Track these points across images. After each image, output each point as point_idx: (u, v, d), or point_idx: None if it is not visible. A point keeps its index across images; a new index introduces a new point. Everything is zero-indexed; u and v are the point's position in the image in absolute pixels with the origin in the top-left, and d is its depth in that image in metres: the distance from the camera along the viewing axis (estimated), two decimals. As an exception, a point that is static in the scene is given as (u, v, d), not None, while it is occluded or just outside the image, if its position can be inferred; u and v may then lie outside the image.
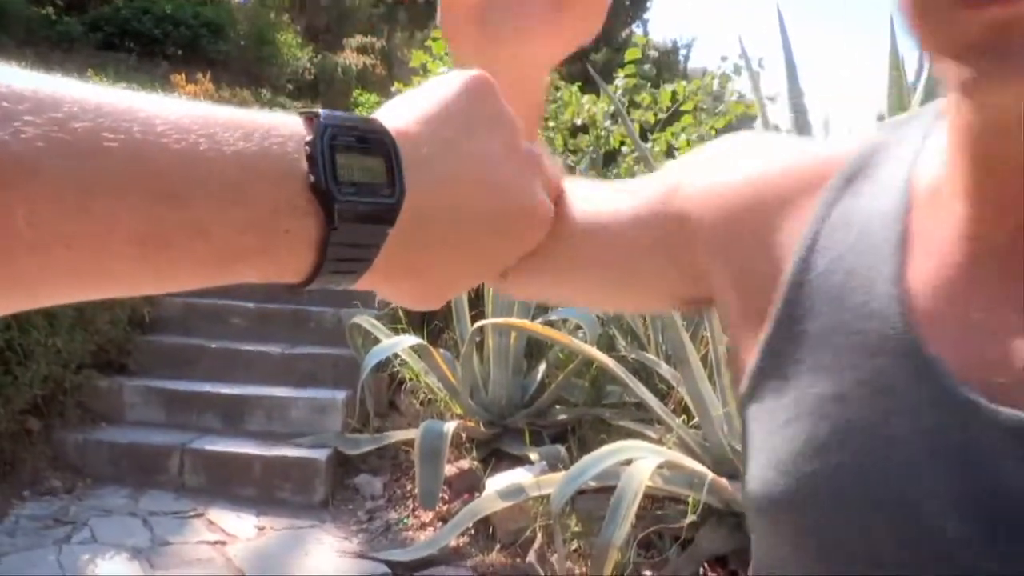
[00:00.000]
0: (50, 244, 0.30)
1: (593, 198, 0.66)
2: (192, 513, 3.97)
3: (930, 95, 2.68)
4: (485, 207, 0.43)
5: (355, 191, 0.36)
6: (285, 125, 0.36)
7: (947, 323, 0.45)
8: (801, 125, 3.03)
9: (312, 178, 0.35)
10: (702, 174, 0.60)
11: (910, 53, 3.04)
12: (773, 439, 0.49)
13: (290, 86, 11.24)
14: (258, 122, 0.35)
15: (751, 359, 0.53)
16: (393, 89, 6.80)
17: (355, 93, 12.31)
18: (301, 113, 0.37)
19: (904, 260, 0.47)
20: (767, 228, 0.55)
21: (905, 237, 0.48)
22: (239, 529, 3.84)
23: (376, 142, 0.38)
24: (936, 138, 0.51)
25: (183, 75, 8.36)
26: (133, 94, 0.33)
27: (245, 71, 11.05)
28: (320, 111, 0.37)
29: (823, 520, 0.47)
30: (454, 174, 0.41)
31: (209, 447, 4.36)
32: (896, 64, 2.99)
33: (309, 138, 0.36)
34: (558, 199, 0.65)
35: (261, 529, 3.87)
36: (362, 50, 13.41)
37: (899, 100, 2.97)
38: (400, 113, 0.41)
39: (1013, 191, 0.44)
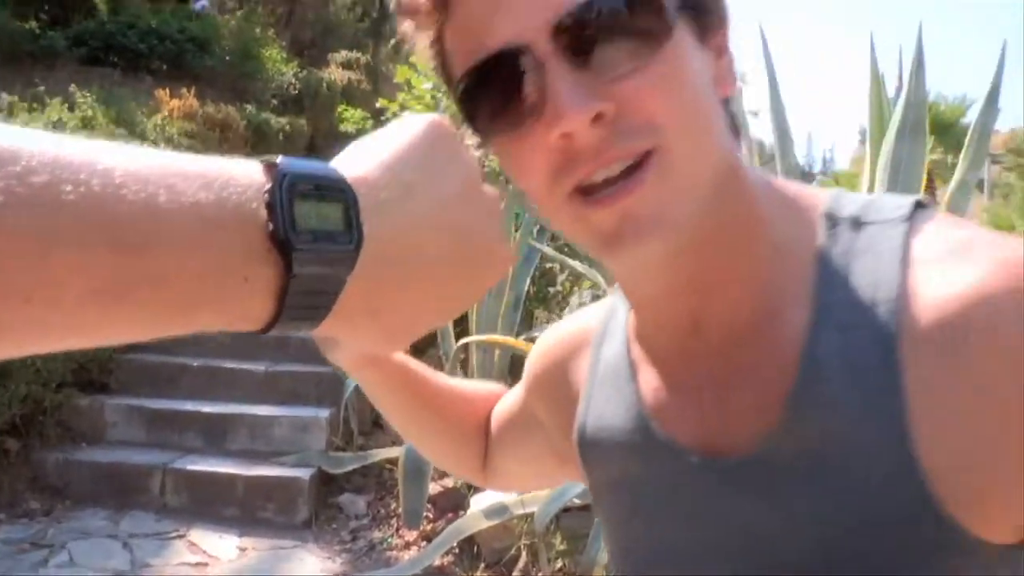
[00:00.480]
0: (9, 298, 0.30)
1: (504, 408, 0.91)
2: (174, 534, 3.93)
3: (909, 110, 2.69)
4: (444, 249, 0.43)
5: (313, 238, 0.36)
6: (244, 174, 0.36)
7: (671, 407, 0.63)
8: (784, 139, 3.04)
9: (271, 226, 0.35)
10: (533, 377, 0.84)
11: (890, 69, 3.05)
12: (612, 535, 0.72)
13: (275, 101, 11.21)
14: (217, 171, 0.36)
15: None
16: (378, 104, 6.79)
17: (340, 108, 12.31)
18: (260, 161, 0.38)
19: (636, 379, 0.67)
20: (563, 393, 0.77)
21: (633, 365, 0.68)
22: (221, 550, 3.80)
23: (334, 189, 0.38)
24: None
25: (167, 90, 8.32)
26: (92, 144, 0.33)
27: (230, 86, 11.02)
28: (279, 159, 0.37)
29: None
30: (413, 218, 0.41)
31: (191, 467, 4.33)
32: (876, 79, 3.01)
33: (268, 186, 0.36)
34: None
35: (243, 550, 3.83)
36: (347, 65, 13.40)
37: (879, 114, 2.98)
38: (358, 159, 0.42)
39: (654, 312, 0.65)
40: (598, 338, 0.74)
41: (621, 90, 0.50)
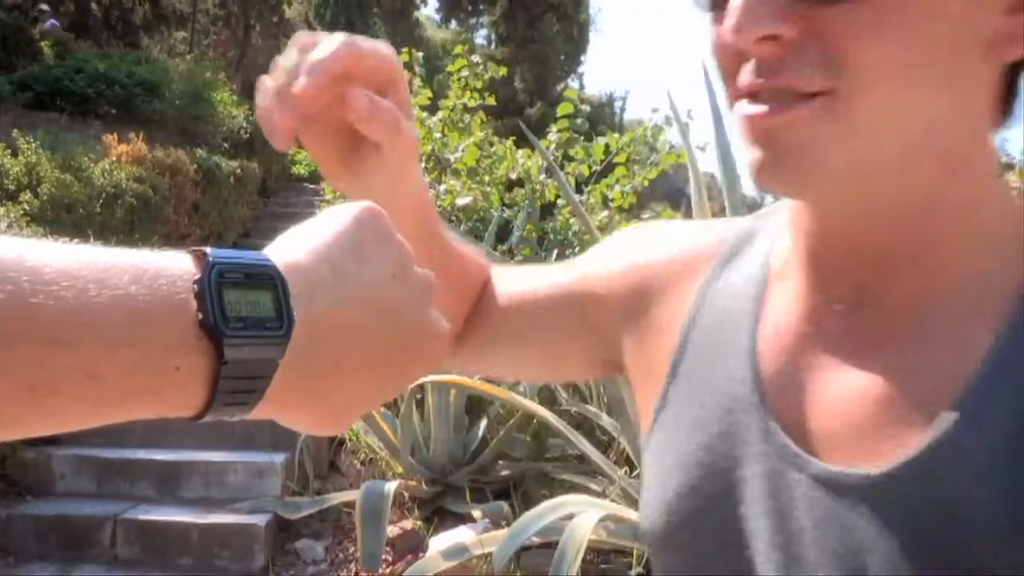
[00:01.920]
0: None
1: (517, 282, 0.78)
2: (125, 586, 3.83)
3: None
4: (378, 331, 0.44)
5: (243, 326, 0.37)
6: (175, 265, 0.37)
7: (785, 382, 0.55)
8: (730, 171, 3.11)
9: (200, 315, 0.36)
10: (605, 262, 0.73)
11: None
12: (659, 480, 0.60)
13: (226, 144, 11.15)
14: (147, 264, 0.36)
15: (648, 416, 0.64)
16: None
17: (292, 151, 12.27)
18: (190, 252, 0.38)
19: (757, 332, 0.57)
20: (656, 306, 0.66)
21: (760, 312, 0.58)
22: (174, 601, 3.71)
23: (263, 276, 0.39)
24: (791, 221, 0.59)
25: (115, 135, 8.24)
26: (21, 242, 0.34)
27: (180, 130, 10.95)
28: (208, 249, 0.38)
29: (687, 558, 0.58)
30: (344, 301, 0.42)
31: (143, 516, 4.23)
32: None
33: (197, 276, 0.37)
34: (484, 285, 0.78)
35: (198, 600, 3.74)
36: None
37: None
38: (289, 246, 0.42)
39: (835, 264, 0.55)
40: (720, 263, 0.64)
41: (815, 16, 0.45)
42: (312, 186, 11.38)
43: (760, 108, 0.48)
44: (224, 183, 9.15)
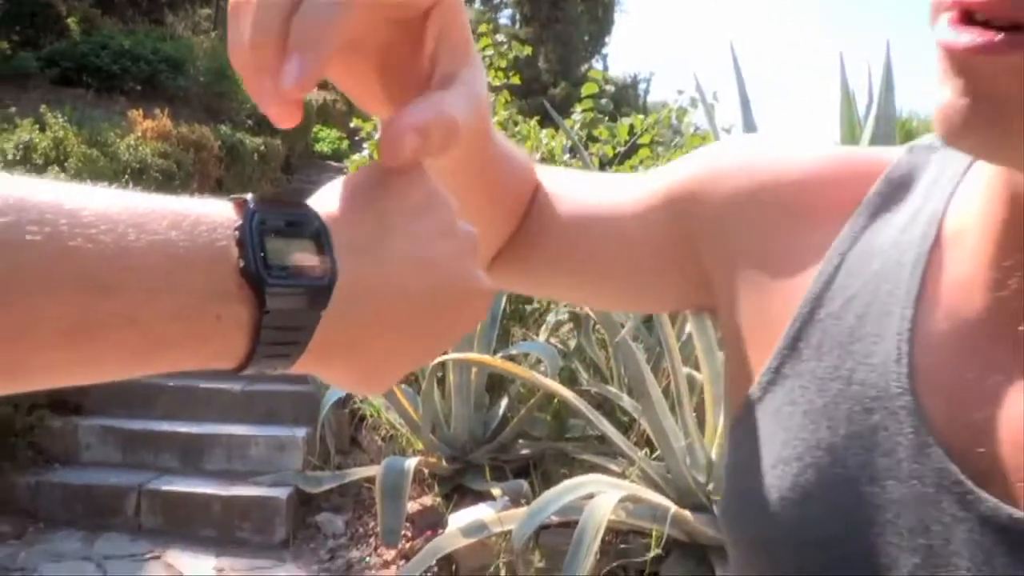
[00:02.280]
0: None
1: (581, 196, 0.64)
2: (149, 555, 3.88)
3: (879, 126, 2.75)
4: (420, 285, 0.42)
5: (285, 275, 0.36)
6: (215, 212, 0.36)
7: (944, 381, 0.43)
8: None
9: (242, 263, 0.35)
10: (713, 178, 0.56)
11: (860, 88, 3.12)
12: (757, 476, 0.48)
13: (249, 121, 11.17)
14: (187, 210, 0.35)
15: (750, 383, 0.51)
16: (352, 124, 6.80)
17: (315, 128, 12.31)
18: (231, 199, 0.38)
19: (917, 310, 0.45)
20: (783, 246, 0.51)
21: (923, 282, 0.45)
22: (197, 571, 3.76)
23: (305, 225, 0.38)
24: (978, 172, 0.47)
25: (141, 111, 8.28)
26: (59, 186, 0.33)
27: (204, 106, 10.98)
28: (249, 196, 0.38)
29: (794, 569, 0.46)
30: (387, 253, 0.41)
31: (167, 487, 4.28)
32: (847, 98, 3.07)
33: (238, 223, 0.36)
34: (536, 190, 0.66)
35: (220, 570, 3.80)
36: (322, 86, 13.32)
37: (850, 132, 3.04)
38: (332, 197, 0.42)
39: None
40: (867, 213, 0.49)
41: None
42: (336, 164, 11.37)
43: (969, 37, 0.36)
44: (248, 160, 9.17)
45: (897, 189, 0.50)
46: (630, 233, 0.60)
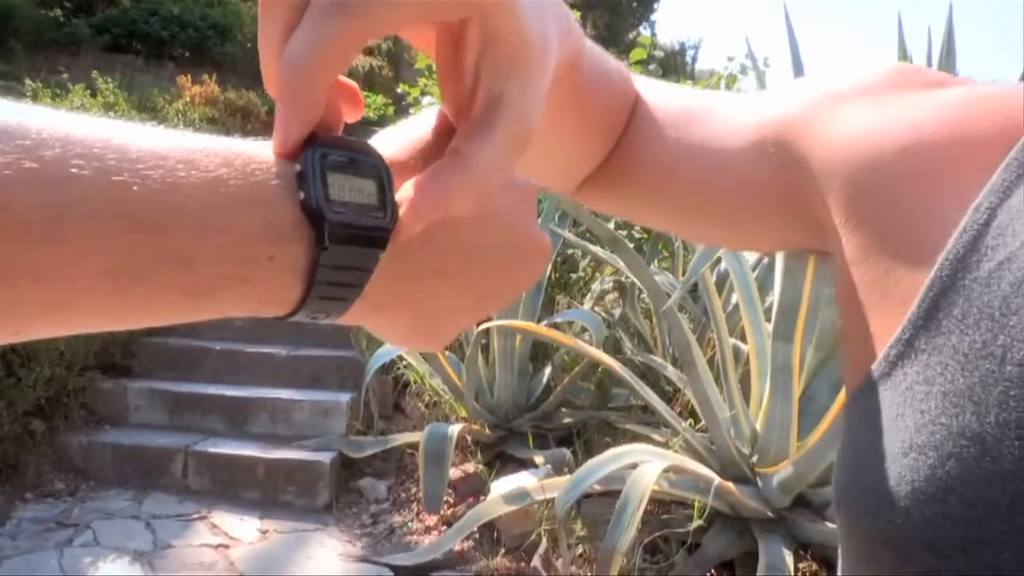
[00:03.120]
0: (17, 277, 0.28)
1: (683, 115, 0.58)
2: (195, 516, 3.95)
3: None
4: (481, 239, 0.41)
5: (346, 211, 0.34)
6: (270, 153, 0.35)
7: None
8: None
9: (302, 195, 0.33)
10: (835, 114, 0.49)
11: (918, 51, 3.01)
12: (880, 459, 0.42)
13: (296, 87, 11.22)
14: (241, 150, 0.34)
15: (872, 356, 0.44)
16: (399, 90, 6.79)
17: (362, 94, 12.29)
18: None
19: None
20: (918, 197, 0.44)
21: None
22: (242, 532, 3.82)
23: (368, 164, 0.36)
24: None
25: (189, 76, 8.35)
26: (107, 122, 0.32)
27: (251, 72, 11.04)
28: (311, 132, 0.35)
29: (926, 571, 0.40)
30: None
31: (213, 449, 4.35)
32: (905, 62, 2.97)
33: (300, 157, 0.34)
34: (635, 106, 0.59)
35: (264, 532, 3.85)
36: (368, 51, 13.39)
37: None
38: (392, 141, 0.40)
39: None
40: (1019, 169, 0.42)
41: None
42: (382, 129, 11.40)
43: None
44: (294, 126, 9.23)
45: None
46: (731, 168, 0.54)
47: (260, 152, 0.34)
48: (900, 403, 0.42)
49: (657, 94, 0.60)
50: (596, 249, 3.88)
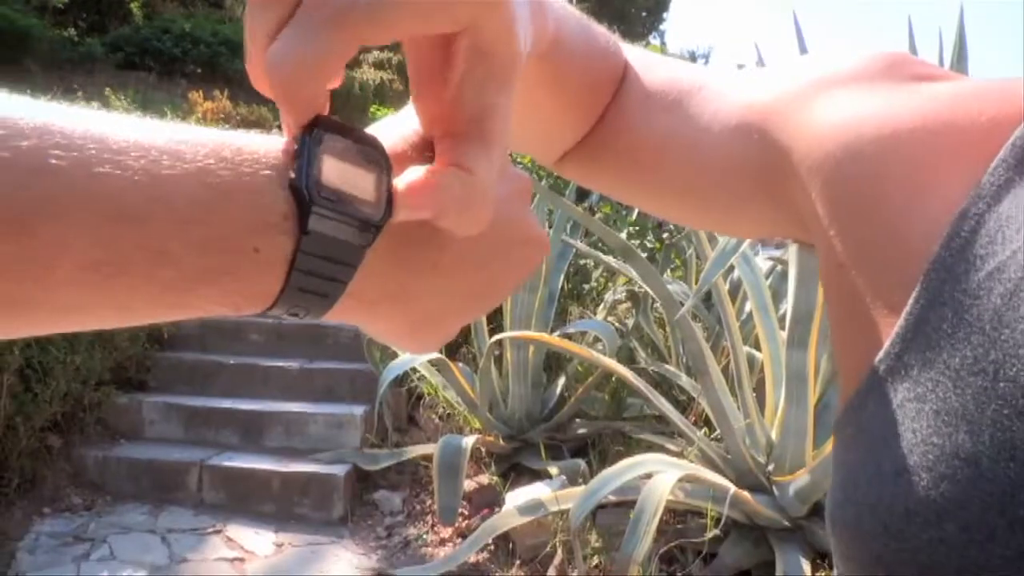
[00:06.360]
0: None
1: (672, 92, 0.55)
2: (211, 530, 3.96)
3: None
4: (481, 232, 0.39)
5: (336, 198, 0.33)
6: (264, 143, 0.33)
7: None
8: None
9: (291, 175, 0.32)
10: (816, 104, 0.47)
11: (930, 56, 3.00)
12: (879, 483, 0.40)
13: (308, 102, 11.29)
14: (231, 140, 0.33)
15: (862, 368, 0.42)
16: (409, 103, 6.80)
17: (372, 108, 12.37)
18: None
19: None
20: (899, 195, 0.42)
21: None
22: (257, 545, 3.82)
23: (370, 153, 0.35)
24: None
25: (201, 92, 8.41)
26: (90, 112, 0.31)
27: (263, 88, 11.13)
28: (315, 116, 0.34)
29: None
30: None
31: (228, 463, 4.36)
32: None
33: (298, 139, 0.33)
34: (623, 78, 0.58)
35: (279, 546, 3.85)
36: (379, 65, 13.47)
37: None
38: (392, 130, 0.39)
39: None
40: (1007, 169, 0.39)
41: None
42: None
43: None
44: (306, 140, 9.28)
45: None
46: (716, 153, 0.52)
47: (253, 143, 0.33)
48: (891, 421, 0.40)
49: (649, 68, 0.58)
50: (608, 259, 3.87)
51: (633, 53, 0.59)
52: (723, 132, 0.51)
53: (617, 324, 4.62)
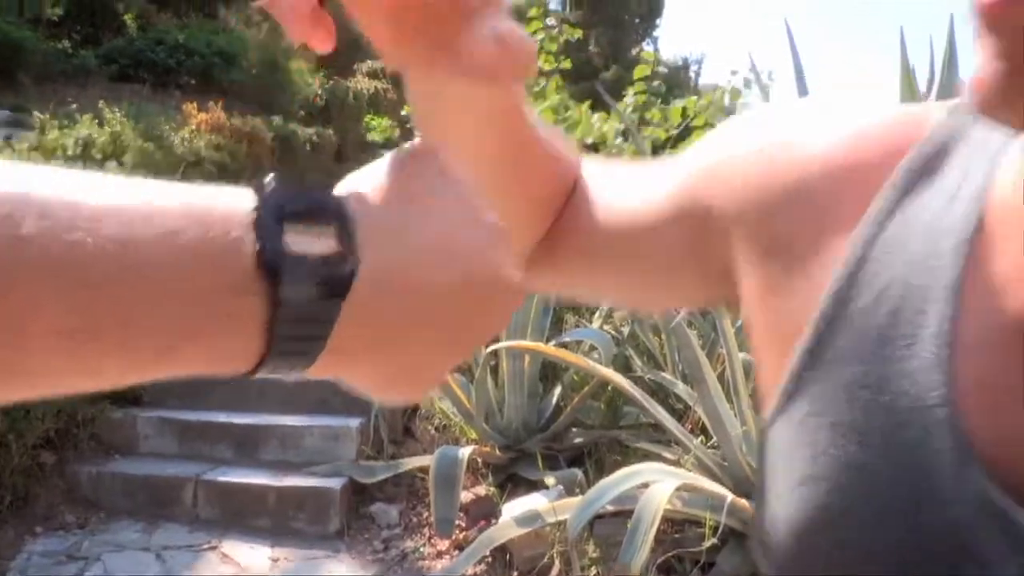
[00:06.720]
0: None
1: (614, 186, 0.60)
2: (206, 546, 3.93)
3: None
4: (449, 278, 0.39)
5: (303, 263, 0.33)
6: (232, 200, 0.34)
7: (988, 391, 0.37)
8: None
9: (258, 249, 0.32)
10: (731, 166, 0.50)
11: (921, 64, 2.99)
12: (783, 492, 0.43)
13: (302, 112, 11.31)
14: (201, 199, 0.33)
15: (773, 387, 0.45)
16: (404, 112, 6.81)
17: (367, 117, 12.38)
18: (251, 185, 0.35)
19: (959, 306, 0.38)
20: (807, 236, 0.45)
21: (965, 273, 0.38)
22: (253, 561, 3.80)
23: (327, 211, 0.35)
24: None
25: (195, 104, 8.40)
26: (65, 176, 0.31)
27: (257, 99, 11.11)
28: (268, 179, 0.35)
29: None
30: (413, 244, 0.38)
31: (223, 478, 4.33)
32: (907, 76, 2.95)
33: (256, 206, 0.33)
34: (575, 186, 0.62)
35: (275, 560, 3.82)
36: (373, 75, 13.47)
37: (912, 109, 2.92)
38: (354, 185, 0.39)
39: None
40: (900, 187, 0.42)
41: None
42: (388, 152, 11.48)
43: None
44: (300, 150, 9.28)
45: (933, 161, 0.42)
46: (656, 235, 0.55)
47: (224, 200, 0.33)
48: (795, 436, 0.42)
49: (592, 169, 0.62)
50: (603, 267, 3.85)
51: (583, 162, 0.63)
52: (658, 216, 0.55)
53: (613, 333, 4.60)
